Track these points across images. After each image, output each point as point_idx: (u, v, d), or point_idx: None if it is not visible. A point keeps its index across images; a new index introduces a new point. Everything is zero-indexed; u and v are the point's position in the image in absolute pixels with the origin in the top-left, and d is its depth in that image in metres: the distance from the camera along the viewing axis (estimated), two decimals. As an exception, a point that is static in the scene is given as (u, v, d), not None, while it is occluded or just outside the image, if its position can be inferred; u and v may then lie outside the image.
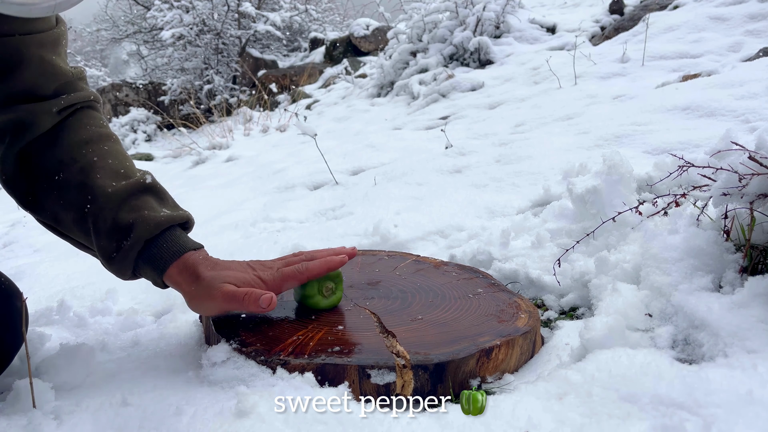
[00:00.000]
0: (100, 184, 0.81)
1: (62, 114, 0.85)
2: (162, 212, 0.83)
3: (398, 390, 0.69)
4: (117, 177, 0.83)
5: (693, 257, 0.82)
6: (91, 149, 0.84)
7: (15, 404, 0.68)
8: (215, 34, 9.19)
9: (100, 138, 0.86)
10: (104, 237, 0.80)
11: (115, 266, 0.82)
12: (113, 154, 0.85)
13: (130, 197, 0.82)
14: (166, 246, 0.81)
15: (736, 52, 3.05)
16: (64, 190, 0.82)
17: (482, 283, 0.97)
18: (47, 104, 0.83)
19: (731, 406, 0.55)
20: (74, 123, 0.85)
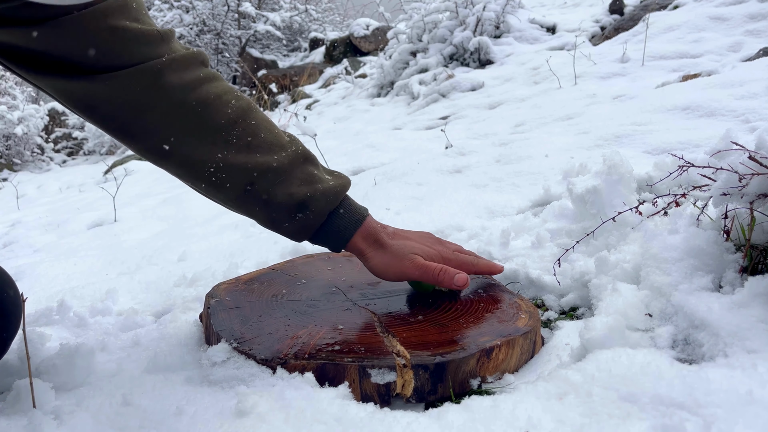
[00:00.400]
0: (262, 161, 0.82)
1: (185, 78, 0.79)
2: (330, 181, 0.86)
3: (398, 390, 0.69)
4: (275, 149, 0.84)
5: (693, 257, 0.82)
6: (242, 128, 0.83)
7: (15, 404, 0.68)
8: (215, 34, 9.20)
9: (244, 113, 0.84)
10: (276, 210, 0.83)
11: (286, 231, 0.86)
12: (262, 127, 0.85)
13: (294, 169, 0.84)
14: (347, 216, 0.86)
15: (736, 52, 3.05)
16: (224, 171, 0.82)
17: (482, 283, 0.97)
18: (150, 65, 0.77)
19: (731, 406, 0.55)
20: (215, 100, 0.82)
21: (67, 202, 3.56)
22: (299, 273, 1.05)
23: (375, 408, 0.65)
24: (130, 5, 0.79)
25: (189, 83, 0.80)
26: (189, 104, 0.80)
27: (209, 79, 0.83)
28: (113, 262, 1.68)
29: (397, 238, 0.89)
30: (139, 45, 0.78)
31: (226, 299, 0.94)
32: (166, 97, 0.79)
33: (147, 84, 0.77)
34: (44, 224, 2.71)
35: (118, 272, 1.58)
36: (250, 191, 0.83)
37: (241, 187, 0.82)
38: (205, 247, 1.71)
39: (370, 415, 0.63)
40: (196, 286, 1.26)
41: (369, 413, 0.63)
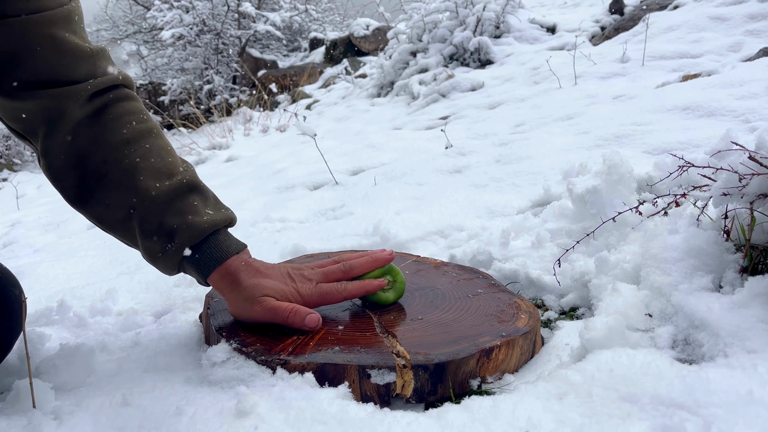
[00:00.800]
0: (144, 186, 0.81)
1: (93, 102, 0.82)
2: (206, 215, 0.84)
3: (398, 390, 0.69)
4: (161, 177, 0.83)
5: (693, 257, 0.82)
6: (133, 149, 0.83)
7: (15, 404, 0.68)
8: (215, 34, 9.19)
9: (141, 135, 0.84)
10: (149, 239, 0.82)
11: (160, 266, 0.84)
12: (155, 152, 0.85)
13: (174, 199, 0.82)
14: (209, 252, 0.83)
15: (736, 52, 3.05)
16: (110, 191, 0.82)
17: (482, 284, 0.97)
18: (73, 89, 0.80)
19: (731, 406, 0.55)
20: (114, 120, 0.83)
21: (67, 202, 3.55)
22: (299, 273, 1.05)
23: (375, 408, 0.65)
24: (73, 17, 0.81)
25: (97, 106, 0.83)
26: (90, 123, 0.82)
27: (118, 99, 0.85)
28: (113, 262, 1.68)
29: (256, 277, 0.83)
30: (72, 60, 0.80)
31: (226, 299, 0.94)
32: (75, 121, 0.81)
33: (66, 108, 0.80)
34: (44, 224, 2.71)
35: (118, 272, 1.58)
36: (132, 216, 0.82)
37: (125, 211, 0.82)
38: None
39: (370, 415, 0.63)
40: (196, 286, 1.26)
41: (369, 413, 0.63)
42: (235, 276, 0.83)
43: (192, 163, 4.49)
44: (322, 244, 1.47)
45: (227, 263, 0.83)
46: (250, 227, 1.86)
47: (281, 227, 1.83)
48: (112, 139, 0.82)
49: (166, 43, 9.40)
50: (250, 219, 1.99)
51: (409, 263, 1.10)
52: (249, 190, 2.66)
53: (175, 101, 8.85)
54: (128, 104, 0.86)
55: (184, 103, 8.69)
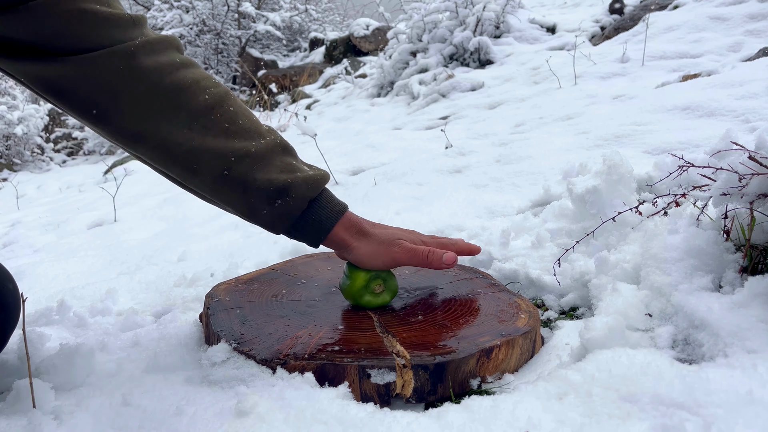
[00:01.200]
0: (239, 146, 0.80)
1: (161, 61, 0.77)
2: (309, 171, 0.84)
3: (398, 390, 0.69)
4: (253, 136, 0.82)
5: (693, 257, 0.82)
6: (219, 114, 0.80)
7: (15, 404, 0.68)
8: (215, 34, 9.19)
9: (222, 99, 0.82)
10: (255, 195, 0.80)
11: (264, 221, 0.82)
12: (240, 114, 0.83)
13: (274, 156, 0.82)
14: (328, 206, 0.84)
15: (736, 52, 3.05)
16: (199, 156, 0.79)
17: (482, 284, 0.97)
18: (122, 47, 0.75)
19: (731, 406, 0.55)
20: (192, 85, 0.80)
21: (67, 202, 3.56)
22: (299, 273, 1.05)
23: (375, 408, 0.65)
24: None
25: (164, 67, 0.78)
26: (164, 88, 0.77)
27: (185, 64, 0.81)
28: (113, 262, 1.68)
29: (378, 228, 0.88)
30: (109, 28, 0.75)
31: (226, 299, 0.94)
32: (139, 80, 0.76)
33: (120, 66, 0.75)
34: (44, 224, 2.71)
35: (118, 272, 1.58)
36: (228, 176, 0.79)
37: (218, 172, 0.79)
38: (205, 247, 1.71)
39: (370, 415, 0.63)
40: (196, 286, 1.26)
41: (369, 413, 0.63)
42: (360, 226, 0.85)
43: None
44: (322, 244, 1.47)
45: (348, 214, 0.85)
46: (250, 227, 1.86)
47: (281, 227, 1.82)
48: (196, 105, 0.79)
49: (166, 43, 9.38)
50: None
51: (409, 263, 1.10)
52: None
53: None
54: (197, 70, 0.83)
55: (184, 103, 8.67)
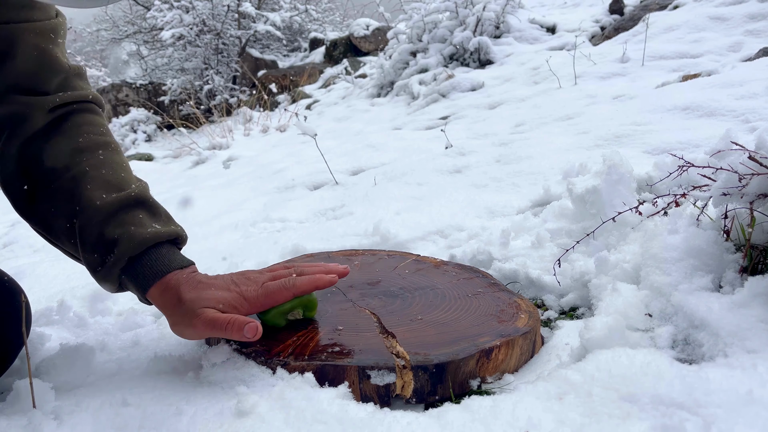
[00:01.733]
0: (89, 195, 0.78)
1: (55, 112, 0.83)
2: (150, 228, 0.79)
3: (398, 390, 0.69)
4: (108, 189, 0.80)
5: (693, 257, 0.82)
6: (85, 158, 0.81)
7: (15, 404, 0.68)
8: (215, 34, 9.19)
9: (96, 146, 0.83)
10: (89, 250, 0.78)
11: (101, 280, 0.80)
12: (108, 164, 0.82)
13: (119, 211, 0.79)
14: (149, 265, 0.78)
15: (736, 52, 3.05)
16: (56, 198, 0.80)
17: (482, 283, 0.97)
18: (42, 99, 0.82)
19: (731, 406, 0.55)
20: (71, 128, 0.83)
21: (67, 202, 3.55)
22: (299, 273, 1.05)
23: (375, 408, 0.65)
24: (59, 32, 0.84)
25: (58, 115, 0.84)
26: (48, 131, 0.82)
27: (81, 110, 0.86)
28: (113, 262, 1.68)
29: (197, 290, 0.77)
30: (49, 72, 0.83)
31: (226, 299, 0.94)
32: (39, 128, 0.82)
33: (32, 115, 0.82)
34: (44, 224, 2.70)
35: (118, 272, 1.57)
36: (74, 225, 0.79)
37: (68, 221, 0.79)
38: (205, 247, 1.71)
39: (370, 415, 0.63)
40: (196, 286, 1.26)
41: (369, 413, 0.63)
42: (176, 290, 0.76)
43: (192, 163, 4.49)
44: (322, 244, 1.47)
45: (168, 277, 0.77)
46: (250, 227, 1.86)
47: (281, 227, 1.83)
48: (65, 146, 0.82)
49: (166, 43, 9.40)
50: (250, 219, 1.99)
51: (409, 262, 1.10)
52: (249, 190, 2.66)
53: (175, 101, 8.85)
54: (89, 116, 0.86)
55: (184, 103, 8.69)
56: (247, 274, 0.83)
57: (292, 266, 0.86)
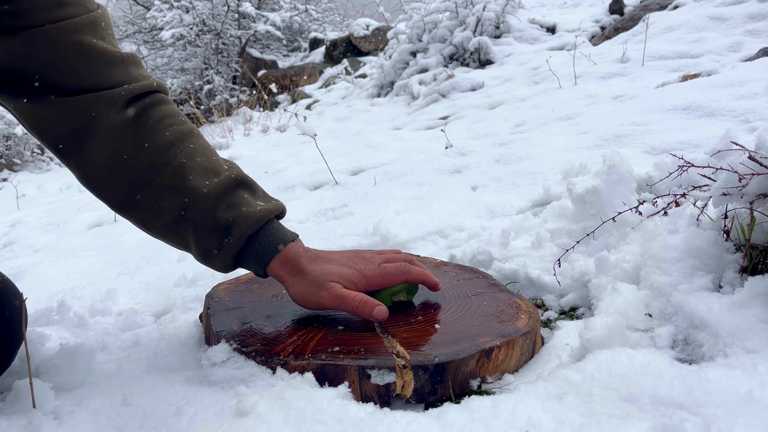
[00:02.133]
0: (193, 185, 0.81)
1: (130, 108, 0.81)
2: (258, 206, 0.84)
3: (398, 390, 0.69)
4: (208, 175, 0.83)
5: (693, 257, 0.82)
6: (179, 150, 0.82)
7: (15, 404, 0.68)
8: (215, 34, 9.19)
9: (184, 136, 0.84)
10: (206, 236, 0.81)
11: (216, 263, 0.84)
12: (200, 151, 0.85)
13: (225, 194, 0.82)
14: (266, 240, 0.83)
15: (736, 52, 3.05)
16: (159, 195, 0.81)
17: (482, 284, 0.97)
18: (107, 94, 0.80)
19: (731, 406, 0.55)
20: (156, 123, 0.83)
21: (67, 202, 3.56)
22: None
23: (375, 408, 0.65)
24: (99, 24, 0.81)
25: (137, 111, 0.82)
26: (130, 130, 0.81)
27: (154, 104, 0.85)
28: (113, 262, 1.68)
29: (317, 263, 0.84)
30: (102, 66, 0.80)
31: (226, 300, 0.94)
32: (114, 127, 0.80)
33: (100, 113, 0.79)
34: (44, 224, 2.71)
35: (118, 272, 1.58)
36: (184, 217, 0.81)
37: (175, 213, 0.81)
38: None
39: (370, 415, 0.63)
40: (196, 286, 1.26)
41: (369, 413, 0.63)
42: (296, 262, 0.83)
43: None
44: (322, 244, 1.47)
45: (287, 250, 0.83)
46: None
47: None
48: (156, 142, 0.82)
49: (166, 43, 9.41)
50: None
51: (409, 263, 1.10)
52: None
53: (175, 101, 8.84)
54: (166, 107, 0.86)
55: (184, 103, 8.69)
56: (362, 254, 0.89)
57: (399, 252, 0.93)
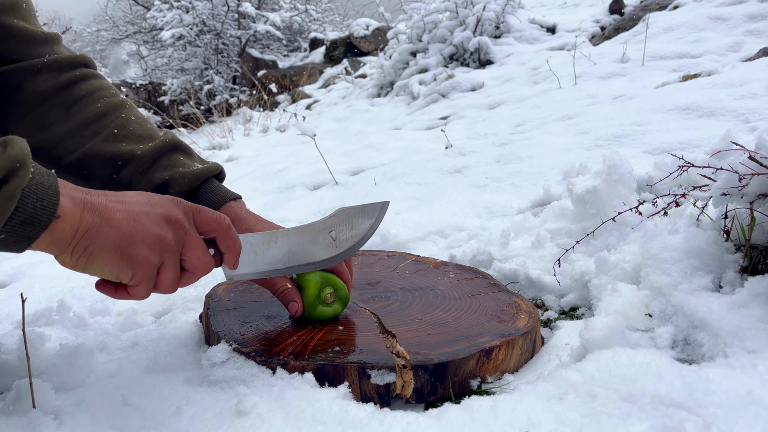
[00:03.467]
0: (126, 149, 0.81)
1: (61, 78, 0.82)
2: (195, 166, 0.84)
3: (398, 390, 0.69)
4: (142, 140, 0.83)
5: (693, 257, 0.82)
6: (110, 120, 0.84)
7: (15, 404, 0.68)
8: (215, 35, 9.19)
9: (116, 107, 0.86)
10: None
11: None
12: (133, 121, 0.86)
13: (160, 157, 0.83)
14: (207, 198, 0.82)
15: (736, 52, 3.05)
16: (88, 161, 0.81)
17: (482, 283, 0.97)
18: (28, 63, 0.81)
19: (731, 406, 0.55)
20: (86, 95, 0.84)
21: (67, 202, 3.55)
22: (299, 273, 1.05)
23: (375, 408, 0.65)
24: (20, 5, 0.83)
25: (63, 82, 0.83)
26: (60, 101, 0.82)
27: (84, 77, 0.86)
28: (113, 262, 1.68)
29: (264, 224, 0.85)
30: (22, 43, 0.81)
31: (226, 300, 0.94)
32: (40, 94, 0.81)
33: (23, 81, 0.80)
34: (44, 224, 2.70)
35: (118, 272, 1.57)
36: (115, 180, 0.81)
37: (106, 177, 0.81)
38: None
39: (369, 415, 0.63)
40: (195, 286, 1.26)
41: (369, 413, 0.63)
42: (240, 223, 0.82)
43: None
44: (322, 244, 1.47)
45: (227, 207, 0.82)
46: (250, 227, 1.86)
47: (281, 227, 1.82)
48: (87, 112, 0.83)
49: (166, 43, 9.41)
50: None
51: (409, 263, 1.10)
52: (249, 190, 2.66)
53: (175, 101, 8.85)
54: (97, 81, 0.87)
55: (184, 103, 8.69)
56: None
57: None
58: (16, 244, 0.56)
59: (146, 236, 0.61)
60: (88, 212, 0.59)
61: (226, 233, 0.68)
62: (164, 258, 0.63)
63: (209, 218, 0.67)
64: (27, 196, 0.54)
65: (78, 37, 13.63)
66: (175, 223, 0.64)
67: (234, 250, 0.70)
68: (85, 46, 14.78)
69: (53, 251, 0.59)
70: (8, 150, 0.54)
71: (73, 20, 13.84)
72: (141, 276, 0.62)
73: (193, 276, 0.67)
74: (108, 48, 13.84)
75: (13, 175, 0.53)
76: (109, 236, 0.60)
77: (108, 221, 0.60)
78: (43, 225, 0.56)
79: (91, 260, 0.60)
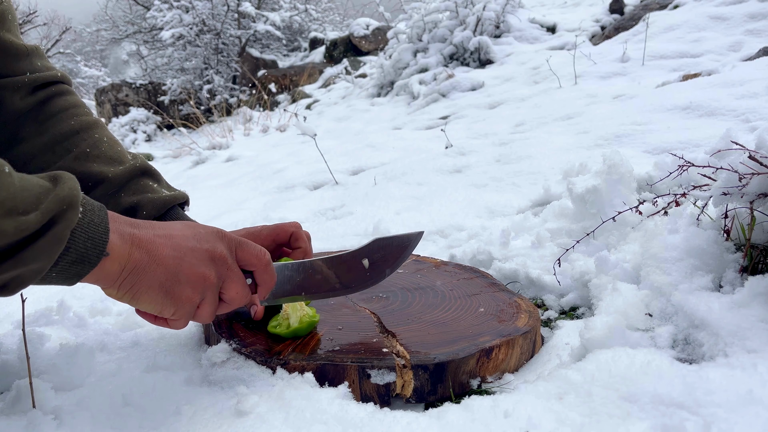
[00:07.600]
0: (98, 171, 0.82)
1: (37, 95, 0.83)
2: (163, 192, 0.86)
3: (398, 390, 0.69)
4: (113, 163, 0.85)
5: (693, 257, 0.82)
6: (83, 139, 0.85)
7: (15, 404, 0.68)
8: (215, 34, 9.19)
9: (89, 126, 0.87)
10: None
11: None
12: (105, 142, 0.87)
13: (130, 181, 0.84)
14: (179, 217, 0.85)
15: (736, 52, 3.05)
16: None
17: (482, 283, 0.97)
18: (10, 81, 0.81)
19: (731, 405, 0.55)
20: (60, 112, 0.85)
21: (67, 202, 3.55)
22: (299, 273, 1.05)
23: (375, 408, 0.65)
24: (6, 17, 0.82)
25: (40, 98, 0.84)
26: (33, 115, 0.83)
27: (60, 93, 0.87)
28: (113, 262, 1.68)
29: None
30: (7, 57, 0.82)
31: (226, 299, 0.94)
32: (16, 111, 0.81)
33: (2, 98, 0.81)
34: (44, 224, 2.70)
35: (118, 272, 1.57)
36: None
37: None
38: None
39: (370, 415, 0.63)
40: (196, 286, 1.26)
41: (369, 413, 0.63)
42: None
43: (192, 163, 4.49)
44: (322, 244, 1.47)
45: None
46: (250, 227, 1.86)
47: (281, 227, 1.82)
48: (60, 129, 0.84)
49: (166, 43, 9.41)
50: (250, 219, 1.99)
51: (409, 263, 1.10)
52: (249, 189, 2.66)
53: (175, 101, 8.85)
54: (71, 98, 0.88)
55: (184, 103, 8.69)
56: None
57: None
58: (66, 281, 0.58)
59: (190, 275, 0.63)
60: (136, 249, 0.60)
61: (265, 269, 0.70)
62: (205, 295, 0.65)
63: (251, 253, 0.69)
64: (77, 236, 0.55)
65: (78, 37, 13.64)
66: (219, 259, 0.65)
67: (269, 285, 0.72)
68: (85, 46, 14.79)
69: (101, 285, 0.60)
70: (57, 190, 0.54)
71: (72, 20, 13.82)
72: (182, 312, 0.64)
73: (229, 307, 0.69)
74: (108, 48, 13.85)
75: (62, 217, 0.53)
76: (156, 275, 0.61)
77: (155, 258, 0.61)
78: (93, 263, 0.57)
79: (136, 297, 0.61)
